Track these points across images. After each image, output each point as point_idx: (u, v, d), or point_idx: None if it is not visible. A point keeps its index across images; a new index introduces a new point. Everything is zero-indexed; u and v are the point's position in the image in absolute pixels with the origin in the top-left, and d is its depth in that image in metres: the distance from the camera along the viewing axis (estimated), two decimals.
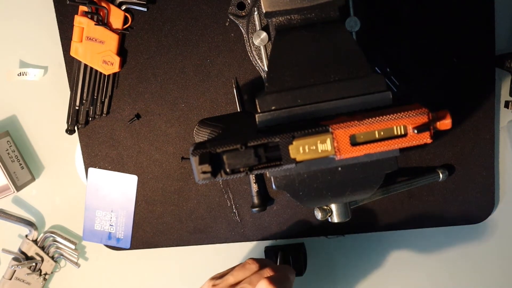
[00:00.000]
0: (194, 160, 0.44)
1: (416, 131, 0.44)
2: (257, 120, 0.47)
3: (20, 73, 0.79)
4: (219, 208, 0.80)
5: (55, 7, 0.75)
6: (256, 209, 0.77)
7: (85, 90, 0.76)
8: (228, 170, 0.44)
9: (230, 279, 0.66)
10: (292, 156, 0.45)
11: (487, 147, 0.75)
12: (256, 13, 0.68)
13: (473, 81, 0.73)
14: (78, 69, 0.75)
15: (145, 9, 0.74)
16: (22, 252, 0.83)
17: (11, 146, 0.80)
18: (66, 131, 0.78)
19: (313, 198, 0.50)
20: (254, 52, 0.70)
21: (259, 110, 0.47)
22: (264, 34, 0.67)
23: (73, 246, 0.84)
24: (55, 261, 0.85)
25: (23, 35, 0.78)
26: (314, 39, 0.51)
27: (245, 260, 0.69)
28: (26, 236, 0.84)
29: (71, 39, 0.73)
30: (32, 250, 0.83)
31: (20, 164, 0.80)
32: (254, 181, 0.77)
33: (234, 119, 0.63)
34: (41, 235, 0.84)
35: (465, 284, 0.82)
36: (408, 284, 0.83)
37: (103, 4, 0.72)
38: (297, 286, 0.84)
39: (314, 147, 0.44)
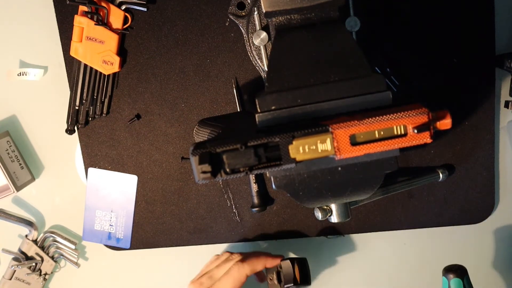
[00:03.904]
0: (194, 160, 0.44)
1: (416, 131, 0.44)
2: (257, 120, 0.47)
3: (20, 73, 0.79)
4: (219, 208, 0.80)
5: (55, 7, 0.75)
6: (256, 209, 0.77)
7: (85, 90, 0.76)
8: (228, 170, 0.44)
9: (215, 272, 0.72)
10: (292, 156, 0.45)
11: (487, 147, 0.75)
12: (256, 13, 0.68)
13: (473, 81, 0.73)
14: (78, 69, 0.75)
15: (145, 9, 0.74)
16: (22, 252, 0.83)
17: (11, 146, 0.80)
18: (66, 131, 0.78)
19: (313, 198, 0.50)
20: (254, 52, 0.70)
21: (259, 110, 0.47)
22: (264, 34, 0.67)
23: (73, 246, 0.84)
24: (55, 261, 0.85)
25: (23, 35, 0.78)
26: (314, 39, 0.51)
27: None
28: (26, 236, 0.84)
29: (71, 39, 0.73)
30: (32, 250, 0.83)
31: (20, 164, 0.80)
32: (254, 181, 0.77)
33: (234, 119, 0.63)
34: (41, 235, 0.84)
35: None
36: (408, 283, 0.83)
37: (103, 4, 0.72)
38: None
39: (314, 147, 0.45)
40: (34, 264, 0.83)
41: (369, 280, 0.83)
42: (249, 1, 0.70)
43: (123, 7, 0.73)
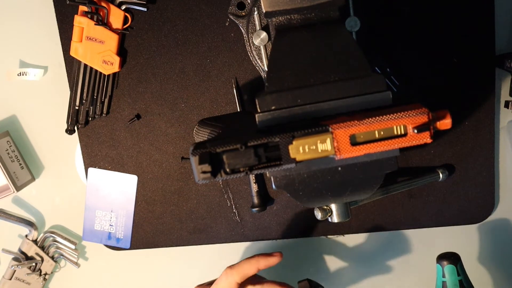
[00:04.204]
0: (194, 160, 0.44)
1: (416, 131, 0.44)
2: (257, 120, 0.47)
3: (20, 73, 0.79)
4: (219, 208, 0.80)
5: (55, 7, 0.75)
6: (256, 209, 0.77)
7: (85, 90, 0.76)
8: (228, 170, 0.44)
9: None
10: (292, 156, 0.45)
11: (487, 147, 0.75)
12: (256, 13, 0.68)
13: (473, 81, 0.73)
14: (78, 69, 0.75)
15: (145, 9, 0.74)
16: (22, 252, 0.83)
17: (11, 146, 0.80)
18: (66, 131, 0.78)
19: (313, 198, 0.50)
20: (254, 52, 0.70)
21: (259, 110, 0.47)
22: (264, 34, 0.67)
23: (73, 246, 0.84)
24: (55, 261, 0.85)
25: (23, 35, 0.78)
26: (314, 39, 0.51)
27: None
28: (26, 236, 0.84)
29: (71, 39, 0.74)
30: (32, 250, 0.83)
31: (20, 164, 0.80)
32: (254, 181, 0.77)
33: (234, 119, 0.63)
34: (41, 235, 0.84)
35: None
36: (408, 284, 0.83)
37: (103, 4, 0.72)
38: (297, 286, 0.84)
39: (314, 147, 0.45)
40: (34, 264, 0.83)
41: (369, 280, 0.83)
42: (249, 1, 0.70)
43: (123, 7, 0.73)
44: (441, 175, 0.75)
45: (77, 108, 0.77)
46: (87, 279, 0.86)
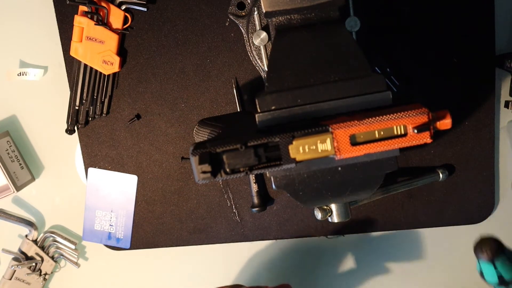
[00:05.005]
0: (194, 160, 0.44)
1: (416, 131, 0.44)
2: (257, 120, 0.47)
3: (20, 73, 0.79)
4: (219, 208, 0.80)
5: (55, 7, 0.75)
6: (256, 209, 0.77)
7: (85, 90, 0.76)
8: (228, 170, 0.44)
9: None
10: (292, 156, 0.45)
11: (487, 147, 0.75)
12: (256, 13, 0.68)
13: (473, 81, 0.73)
14: (78, 69, 0.75)
15: (145, 9, 0.74)
16: (22, 252, 0.83)
17: (11, 146, 0.80)
18: (66, 131, 0.78)
19: (313, 198, 0.50)
20: (254, 52, 0.70)
21: (259, 110, 0.47)
22: (264, 34, 0.67)
23: (73, 246, 0.84)
24: (55, 261, 0.85)
25: (23, 35, 0.78)
26: (314, 39, 0.51)
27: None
28: (26, 236, 0.84)
29: (71, 39, 0.74)
30: (32, 250, 0.83)
31: (20, 164, 0.80)
32: (254, 181, 0.77)
33: (234, 119, 0.63)
34: (41, 235, 0.84)
35: (465, 284, 0.82)
36: (408, 284, 0.83)
37: (103, 4, 0.72)
38: (297, 286, 0.84)
39: (314, 147, 0.45)
40: (34, 264, 0.83)
41: (369, 280, 0.83)
42: (249, 1, 0.70)
43: (123, 7, 0.73)
44: (441, 175, 0.75)
45: (77, 108, 0.77)
46: (87, 279, 0.86)
